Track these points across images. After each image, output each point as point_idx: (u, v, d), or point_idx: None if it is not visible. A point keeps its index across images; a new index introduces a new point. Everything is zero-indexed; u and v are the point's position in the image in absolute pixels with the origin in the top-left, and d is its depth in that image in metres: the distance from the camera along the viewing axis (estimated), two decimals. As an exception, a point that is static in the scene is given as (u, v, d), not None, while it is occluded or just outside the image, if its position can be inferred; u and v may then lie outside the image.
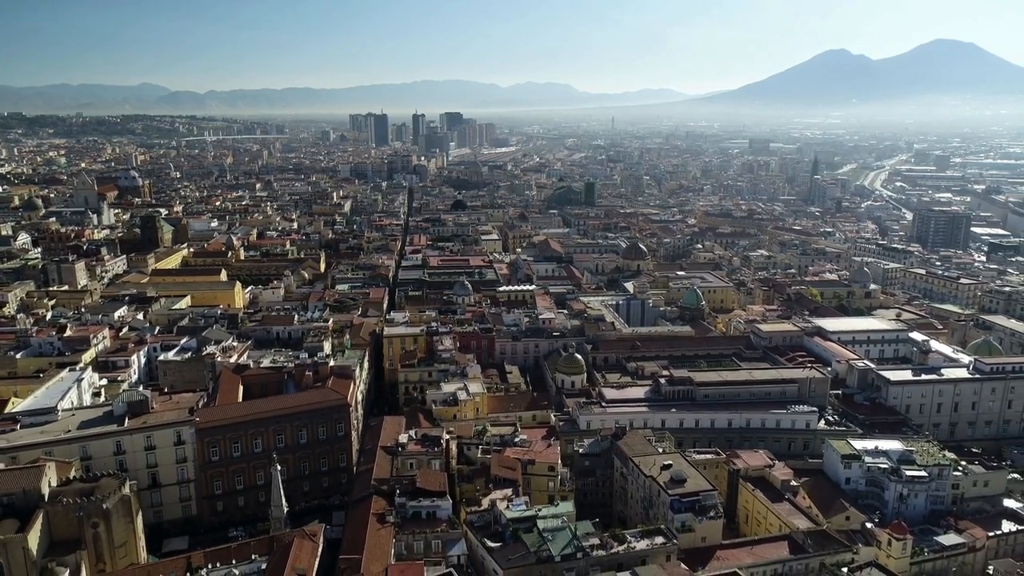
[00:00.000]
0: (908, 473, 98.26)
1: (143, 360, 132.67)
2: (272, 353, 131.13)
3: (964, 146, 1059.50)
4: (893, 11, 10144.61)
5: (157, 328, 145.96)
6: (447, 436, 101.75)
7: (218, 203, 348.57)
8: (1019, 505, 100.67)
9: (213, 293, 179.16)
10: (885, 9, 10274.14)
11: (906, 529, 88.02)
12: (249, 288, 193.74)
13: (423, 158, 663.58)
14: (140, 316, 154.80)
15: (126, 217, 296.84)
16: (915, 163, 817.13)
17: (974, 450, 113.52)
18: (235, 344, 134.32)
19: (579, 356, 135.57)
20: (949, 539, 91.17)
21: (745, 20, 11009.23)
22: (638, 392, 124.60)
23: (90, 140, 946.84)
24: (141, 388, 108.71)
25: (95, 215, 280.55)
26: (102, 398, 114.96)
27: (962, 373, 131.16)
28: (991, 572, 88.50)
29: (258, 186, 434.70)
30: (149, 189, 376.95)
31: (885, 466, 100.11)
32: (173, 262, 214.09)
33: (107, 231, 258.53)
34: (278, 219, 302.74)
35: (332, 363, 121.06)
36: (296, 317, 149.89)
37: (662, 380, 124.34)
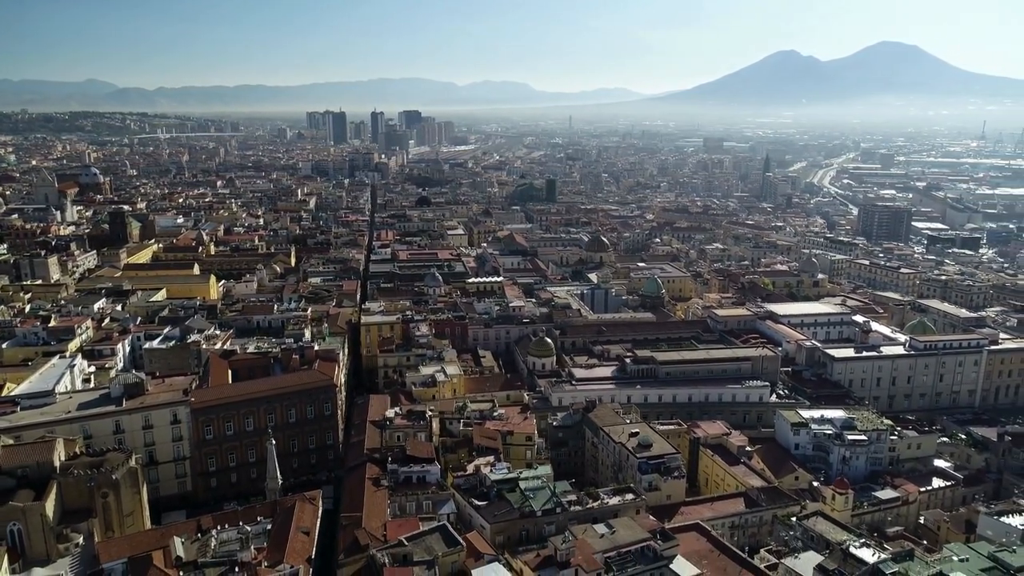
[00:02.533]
0: (850, 438, 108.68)
1: (127, 349, 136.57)
2: (255, 340, 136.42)
3: (908, 145, 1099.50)
4: (840, 13, 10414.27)
5: (139, 319, 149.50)
6: (430, 412, 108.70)
7: (181, 200, 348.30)
8: (947, 464, 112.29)
9: (188, 286, 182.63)
10: (832, 11, 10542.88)
11: (848, 485, 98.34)
12: (222, 282, 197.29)
13: (383, 156, 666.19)
14: (119, 308, 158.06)
15: (89, 214, 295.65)
16: (861, 161, 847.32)
17: (909, 417, 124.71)
18: (218, 333, 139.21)
19: (549, 340, 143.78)
20: (886, 494, 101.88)
21: (698, 21, 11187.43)
22: (605, 371, 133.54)
23: (38, 137, 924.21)
24: (133, 372, 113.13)
25: (58, 212, 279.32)
26: (92, 384, 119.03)
27: (899, 350, 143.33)
28: (922, 521, 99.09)
29: (219, 183, 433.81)
30: (110, 186, 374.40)
31: (830, 432, 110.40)
32: (144, 257, 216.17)
33: (72, 227, 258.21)
34: (244, 215, 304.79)
35: (317, 347, 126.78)
36: (276, 307, 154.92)
37: (627, 360, 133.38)
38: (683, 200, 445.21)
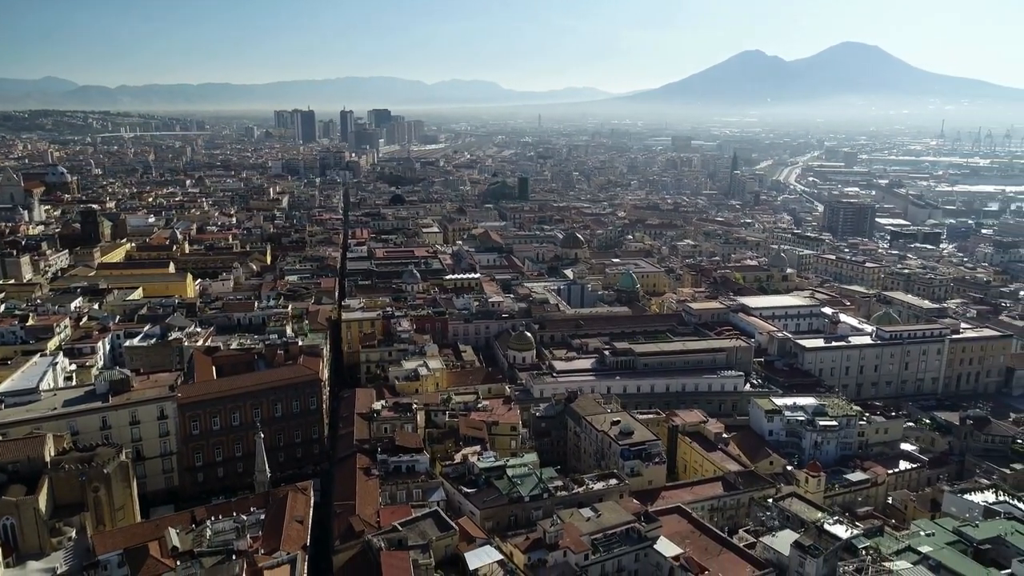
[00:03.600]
0: (821, 423, 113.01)
1: (108, 347, 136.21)
2: (237, 337, 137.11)
3: (870, 144, 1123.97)
4: (803, 14, 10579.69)
5: (117, 317, 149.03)
6: (415, 405, 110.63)
7: (151, 199, 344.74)
8: (913, 448, 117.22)
9: (165, 285, 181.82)
10: (796, 12, 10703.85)
11: (820, 469, 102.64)
12: (198, 280, 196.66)
13: (354, 155, 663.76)
14: (96, 307, 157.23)
15: (57, 213, 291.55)
16: (826, 159, 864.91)
17: (876, 404, 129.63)
18: (199, 330, 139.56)
19: (529, 334, 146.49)
20: (856, 476, 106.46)
21: (665, 20, 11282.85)
22: (585, 363, 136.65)
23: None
24: (118, 369, 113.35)
25: (25, 211, 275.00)
26: (73, 382, 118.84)
27: (866, 340, 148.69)
28: (890, 501, 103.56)
29: (188, 182, 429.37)
30: (77, 185, 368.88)
31: (802, 419, 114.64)
32: (117, 256, 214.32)
33: (41, 227, 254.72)
34: (216, 214, 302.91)
35: (301, 343, 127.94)
36: (256, 304, 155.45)
37: (606, 352, 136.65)
38: (653, 198, 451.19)
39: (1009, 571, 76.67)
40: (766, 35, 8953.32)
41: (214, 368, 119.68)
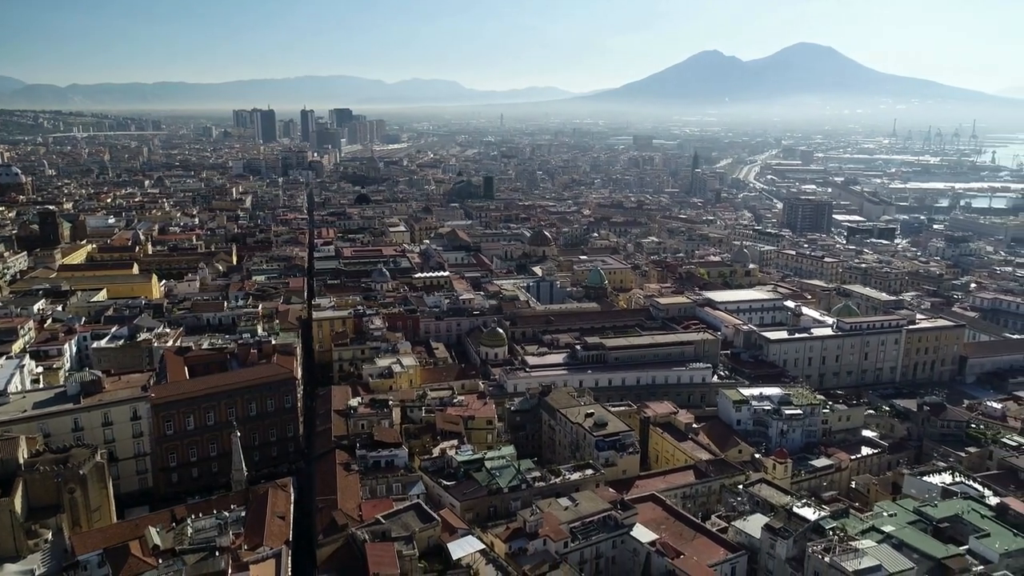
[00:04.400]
0: (787, 412, 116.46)
1: (75, 349, 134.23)
2: (208, 337, 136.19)
3: (826, 142, 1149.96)
4: (759, 15, 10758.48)
5: (83, 319, 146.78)
6: (392, 401, 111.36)
7: (109, 200, 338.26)
8: (873, 434, 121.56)
9: (129, 286, 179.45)
10: (752, 13, 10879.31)
11: (787, 455, 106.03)
12: (163, 281, 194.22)
13: (316, 154, 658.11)
14: (60, 309, 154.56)
15: (12, 215, 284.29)
16: (783, 158, 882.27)
17: (838, 393, 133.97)
18: (168, 331, 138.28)
19: (500, 331, 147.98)
20: (821, 462, 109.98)
21: (624, 20, 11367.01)
22: (557, 358, 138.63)
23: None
24: (89, 370, 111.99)
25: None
26: (41, 384, 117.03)
27: (827, 332, 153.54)
28: (854, 486, 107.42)
29: (147, 183, 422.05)
30: (32, 186, 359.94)
31: (768, 408, 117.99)
32: (78, 258, 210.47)
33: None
34: (178, 215, 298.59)
35: (274, 341, 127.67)
36: (225, 304, 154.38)
37: (578, 347, 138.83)
38: (617, 196, 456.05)
39: (966, 547, 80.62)
40: (724, 36, 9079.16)
41: (186, 368, 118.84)
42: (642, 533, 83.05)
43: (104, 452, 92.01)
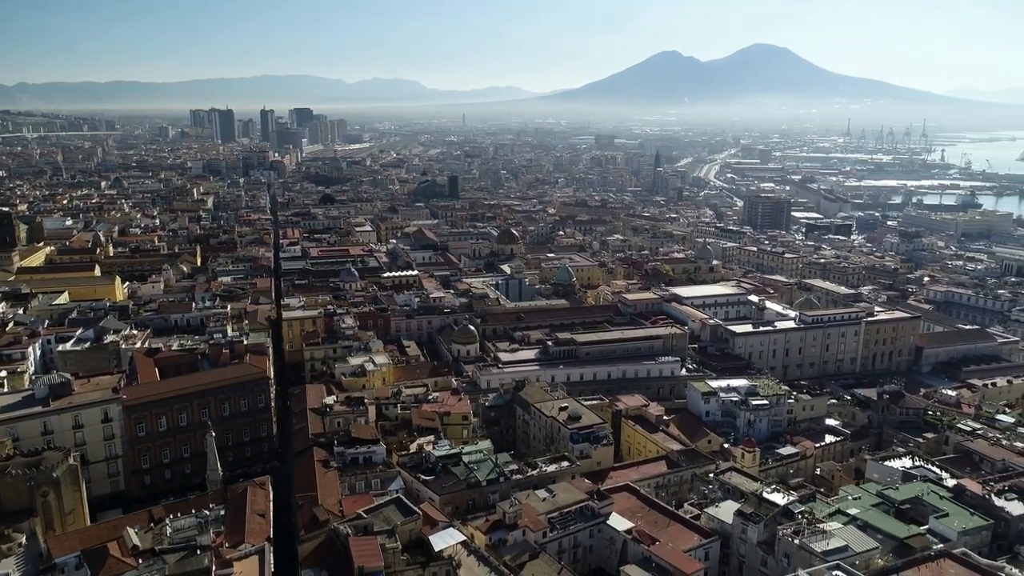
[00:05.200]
0: (754, 403, 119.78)
1: (39, 352, 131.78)
2: (177, 338, 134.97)
3: (783, 141, 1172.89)
4: (717, 15, 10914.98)
5: (46, 322, 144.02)
6: (367, 398, 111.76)
7: (64, 201, 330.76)
8: (836, 422, 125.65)
9: (92, 288, 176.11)
10: (709, 13, 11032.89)
11: (755, 444, 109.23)
12: (126, 283, 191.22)
13: (277, 154, 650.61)
14: (21, 312, 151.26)
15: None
16: (742, 157, 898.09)
17: (802, 383, 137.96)
18: (135, 332, 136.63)
19: (472, 328, 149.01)
20: (787, 450, 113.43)
21: (584, 20, 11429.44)
22: (529, 354, 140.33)
23: None
24: (58, 373, 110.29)
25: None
26: (5, 388, 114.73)
27: (790, 325, 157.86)
28: (819, 472, 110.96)
29: (104, 184, 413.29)
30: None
31: (736, 399, 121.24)
32: (37, 260, 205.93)
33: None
34: (138, 216, 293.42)
35: (246, 341, 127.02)
36: (193, 305, 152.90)
37: (549, 343, 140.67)
38: (581, 195, 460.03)
39: (927, 527, 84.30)
40: (682, 36, 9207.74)
41: (156, 369, 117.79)
42: (618, 522, 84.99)
43: (77, 454, 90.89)
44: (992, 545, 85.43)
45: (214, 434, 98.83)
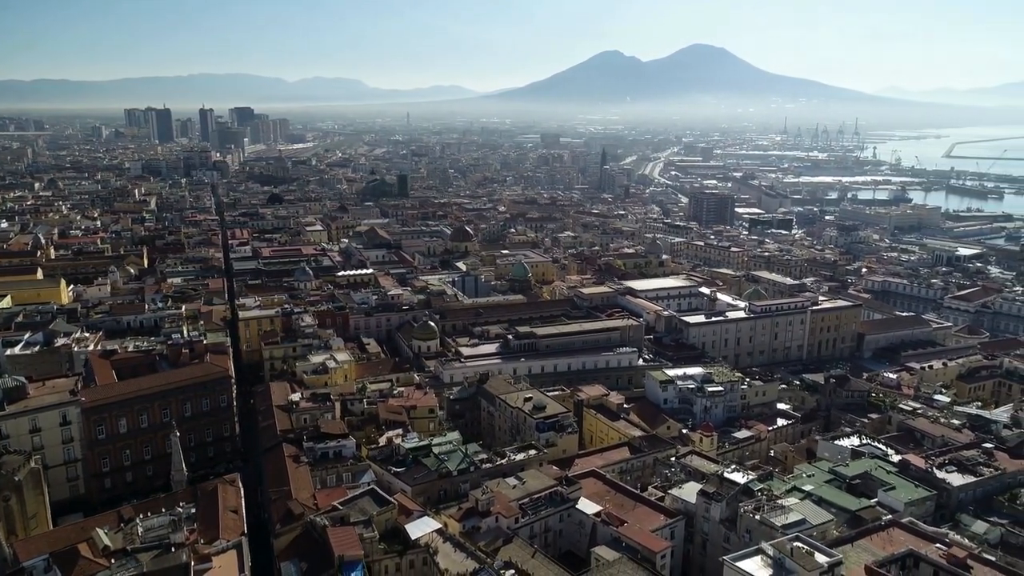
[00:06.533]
0: (709, 390, 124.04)
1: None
2: (131, 340, 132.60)
3: (723, 139, 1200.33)
4: (655, 15, 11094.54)
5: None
6: (332, 394, 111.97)
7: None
8: (787, 406, 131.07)
9: (35, 291, 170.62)
10: (649, 13, 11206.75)
11: (712, 428, 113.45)
12: (71, 286, 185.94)
13: (219, 154, 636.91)
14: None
15: None
16: (685, 154, 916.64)
17: (754, 370, 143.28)
18: (87, 335, 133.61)
19: (432, 324, 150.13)
20: (742, 434, 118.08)
21: (526, 19, 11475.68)
22: (490, 348, 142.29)
23: None
24: (11, 376, 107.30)
25: None
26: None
27: (741, 315, 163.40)
28: (773, 454, 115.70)
29: (37, 185, 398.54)
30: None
31: (692, 387, 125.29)
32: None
33: None
34: (78, 218, 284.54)
35: (206, 341, 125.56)
36: (147, 306, 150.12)
37: (510, 336, 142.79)
38: (530, 193, 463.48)
39: (876, 499, 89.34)
40: (623, 36, 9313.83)
41: (113, 371, 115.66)
42: (587, 506, 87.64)
43: (38, 457, 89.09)
44: (935, 514, 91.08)
45: (178, 434, 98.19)
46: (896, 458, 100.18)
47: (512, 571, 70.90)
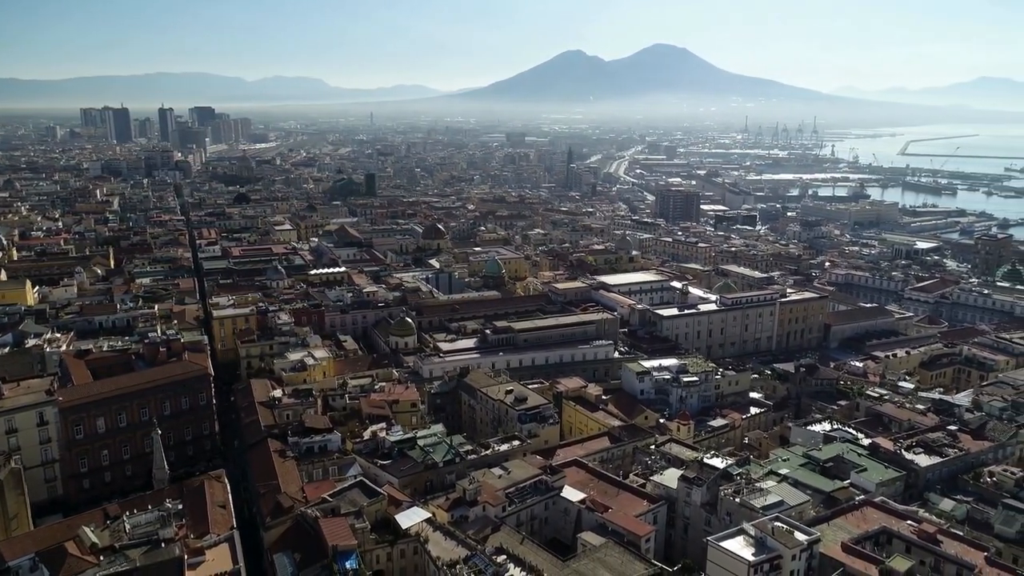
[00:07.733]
0: (684, 380, 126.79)
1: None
2: (104, 339, 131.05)
3: (686, 138, 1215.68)
4: (617, 16, 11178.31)
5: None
6: (314, 390, 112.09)
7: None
8: (759, 395, 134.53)
9: (0, 292, 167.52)
10: (612, 13, 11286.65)
11: (689, 417, 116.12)
12: (36, 287, 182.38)
13: (181, 154, 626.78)
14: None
15: None
16: (649, 153, 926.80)
17: (727, 360, 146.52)
18: (58, 335, 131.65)
19: (409, 320, 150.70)
20: (718, 422, 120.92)
21: (488, 19, 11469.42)
22: (468, 343, 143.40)
23: None
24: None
25: None
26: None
27: (712, 307, 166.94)
28: (747, 441, 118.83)
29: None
30: None
31: (668, 377, 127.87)
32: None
33: None
34: (39, 219, 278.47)
35: (183, 339, 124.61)
36: (118, 306, 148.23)
37: (487, 331, 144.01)
38: (498, 191, 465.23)
39: (849, 481, 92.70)
40: (586, 36, 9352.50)
41: (89, 371, 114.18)
42: (571, 493, 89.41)
43: (18, 457, 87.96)
44: (905, 494, 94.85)
45: (160, 432, 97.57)
46: (866, 442, 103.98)
47: (504, 556, 72.24)
